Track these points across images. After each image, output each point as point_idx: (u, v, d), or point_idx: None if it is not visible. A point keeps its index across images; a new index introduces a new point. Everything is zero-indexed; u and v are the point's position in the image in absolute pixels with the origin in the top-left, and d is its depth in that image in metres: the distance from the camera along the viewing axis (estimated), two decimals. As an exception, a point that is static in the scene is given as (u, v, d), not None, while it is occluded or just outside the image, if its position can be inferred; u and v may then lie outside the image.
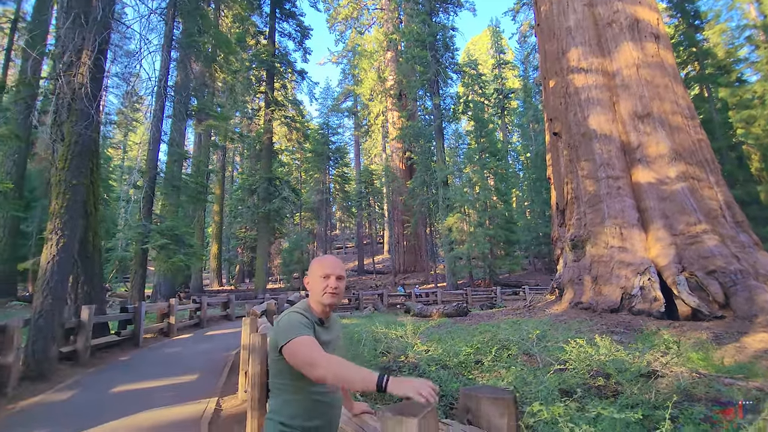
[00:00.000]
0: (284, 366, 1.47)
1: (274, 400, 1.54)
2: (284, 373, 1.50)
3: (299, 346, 1.40)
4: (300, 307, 1.59)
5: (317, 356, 1.36)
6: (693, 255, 9.28)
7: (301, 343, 1.41)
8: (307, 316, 1.54)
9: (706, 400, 3.41)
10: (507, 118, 46.26)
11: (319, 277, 1.60)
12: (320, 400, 1.53)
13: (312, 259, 13.21)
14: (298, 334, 1.43)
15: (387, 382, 1.25)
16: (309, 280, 1.64)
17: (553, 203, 14.00)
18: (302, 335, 1.43)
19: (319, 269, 1.62)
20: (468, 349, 3.68)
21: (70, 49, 6.42)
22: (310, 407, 1.51)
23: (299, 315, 1.52)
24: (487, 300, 21.18)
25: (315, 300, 1.62)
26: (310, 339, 1.43)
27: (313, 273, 1.63)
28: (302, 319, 1.50)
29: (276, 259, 35.58)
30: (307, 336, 1.43)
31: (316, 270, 1.62)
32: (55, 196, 6.45)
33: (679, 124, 10.73)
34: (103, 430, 4.00)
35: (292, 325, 1.47)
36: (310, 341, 1.42)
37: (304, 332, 1.44)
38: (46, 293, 5.98)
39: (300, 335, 1.43)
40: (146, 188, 14.75)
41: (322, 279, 1.60)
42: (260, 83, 28.83)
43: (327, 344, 1.57)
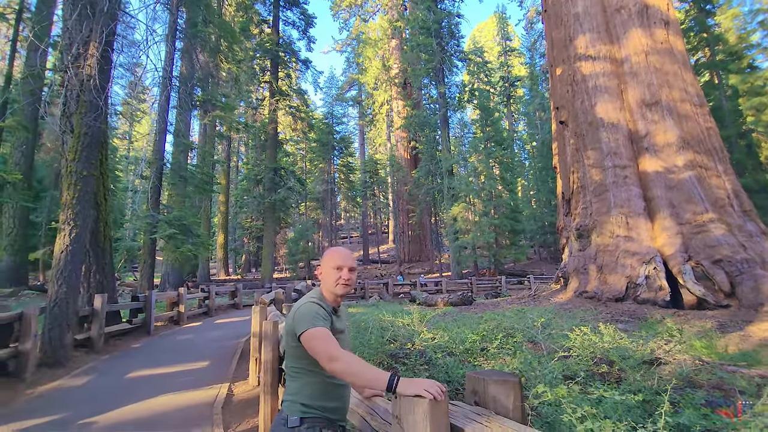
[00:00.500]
0: (302, 352, 1.55)
1: (294, 383, 1.61)
2: (302, 359, 1.57)
3: (317, 338, 1.47)
4: (316, 297, 1.65)
5: (335, 351, 1.43)
6: (699, 244, 9.26)
7: (318, 335, 1.47)
8: (323, 306, 1.60)
9: (708, 387, 3.47)
10: (513, 107, 45.81)
11: (332, 269, 1.66)
12: (336, 383, 1.61)
13: (317, 249, 13.39)
14: (315, 325, 1.50)
15: (397, 382, 1.32)
16: (322, 270, 1.70)
17: (558, 192, 13.96)
18: (319, 326, 1.50)
19: (332, 261, 1.68)
20: (474, 336, 3.75)
21: (78, 41, 6.46)
22: (329, 389, 1.59)
23: (317, 305, 1.58)
24: (491, 289, 21.28)
25: (327, 290, 1.68)
26: (327, 332, 1.49)
27: (326, 264, 1.69)
28: (320, 310, 1.57)
29: (282, 248, 35.84)
30: (323, 328, 1.50)
31: (329, 261, 1.68)
32: (67, 187, 6.56)
33: (688, 112, 10.60)
34: (122, 414, 4.15)
35: (310, 314, 1.53)
36: (327, 334, 1.49)
37: (321, 323, 1.51)
38: (60, 282, 6.13)
39: (317, 326, 1.49)
40: (153, 179, 14.88)
41: (335, 270, 1.66)
42: (264, 73, 28.73)
43: (341, 333, 1.65)
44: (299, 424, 1.54)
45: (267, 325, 3.25)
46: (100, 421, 3.95)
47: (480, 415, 1.33)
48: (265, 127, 28.85)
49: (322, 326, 1.51)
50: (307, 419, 1.55)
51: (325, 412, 1.58)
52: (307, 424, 1.54)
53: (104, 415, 4.09)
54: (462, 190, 26.84)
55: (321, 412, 1.58)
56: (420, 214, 33.38)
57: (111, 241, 8.85)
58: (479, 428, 1.24)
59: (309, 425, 1.54)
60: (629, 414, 1.91)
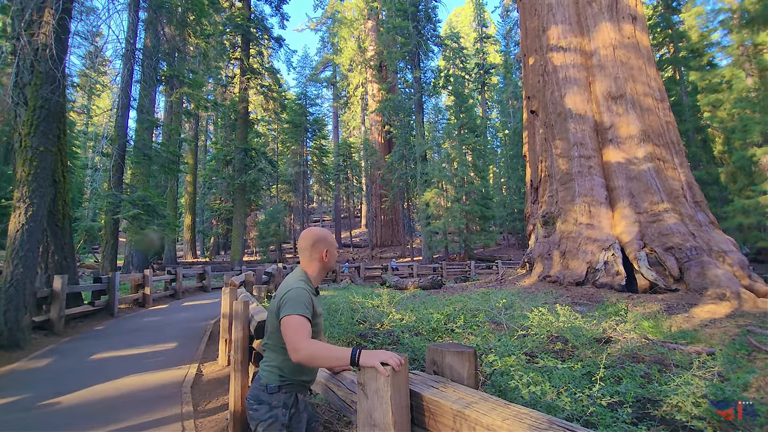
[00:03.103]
0: None
1: (275, 355, 1.75)
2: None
3: (292, 327, 1.58)
4: (304, 280, 1.77)
5: (299, 343, 1.55)
6: (654, 232, 9.86)
7: (294, 325, 1.59)
8: (309, 291, 1.72)
9: (649, 362, 3.79)
10: (487, 94, 46.28)
11: (335, 248, 1.86)
12: None
13: (288, 232, 13.27)
14: (297, 312, 1.60)
15: (359, 355, 1.44)
16: (330, 253, 1.82)
17: (528, 180, 14.39)
18: (300, 315, 1.60)
19: (333, 242, 1.86)
20: (439, 316, 3.92)
21: (32, 7, 6.04)
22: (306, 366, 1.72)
23: (305, 292, 1.69)
24: (461, 274, 21.84)
25: (327, 269, 1.84)
26: (304, 323, 1.60)
27: (332, 247, 1.85)
28: (307, 297, 1.68)
29: (252, 231, 35.27)
30: (302, 318, 1.60)
31: (333, 243, 1.86)
32: (21, 162, 6.22)
33: (650, 106, 11.11)
34: (87, 393, 4.09)
35: (298, 301, 1.64)
36: (302, 325, 1.59)
37: (303, 312, 1.62)
38: (16, 262, 5.87)
39: (298, 314, 1.60)
40: (116, 156, 14.22)
41: (335, 249, 1.87)
42: (235, 49, 27.65)
43: (320, 315, 1.81)
44: (278, 390, 1.72)
45: (237, 305, 3.28)
46: (64, 402, 3.89)
47: (437, 382, 1.44)
48: (236, 106, 27.96)
49: (303, 315, 1.61)
50: (284, 386, 1.73)
51: (300, 381, 1.77)
52: (285, 390, 1.72)
53: (68, 396, 4.02)
54: (435, 175, 27.13)
55: (297, 380, 1.76)
56: (393, 199, 33.57)
57: (70, 220, 8.48)
58: (436, 393, 1.36)
59: (287, 390, 1.72)
60: (574, 383, 2.11)
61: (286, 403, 1.71)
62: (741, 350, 4.53)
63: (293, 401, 1.73)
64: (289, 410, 1.71)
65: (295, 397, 1.74)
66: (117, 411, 3.69)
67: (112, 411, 3.69)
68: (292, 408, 1.72)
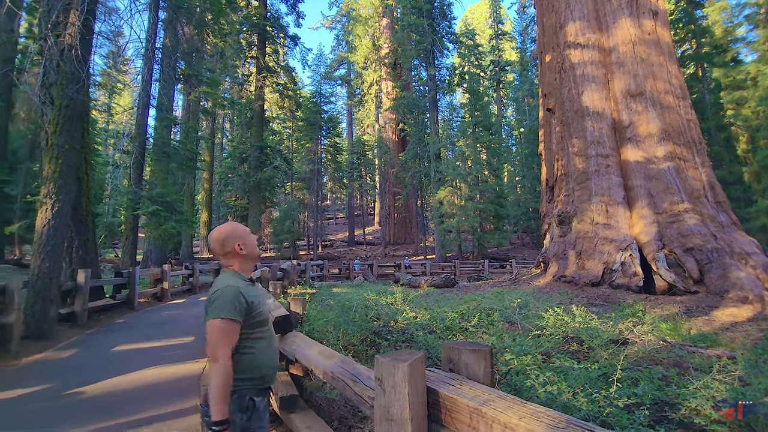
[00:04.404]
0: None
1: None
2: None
3: (217, 332, 1.61)
4: (232, 277, 1.78)
5: (219, 352, 1.59)
6: (673, 233, 9.65)
7: (216, 330, 1.61)
8: (239, 287, 1.71)
9: (667, 365, 3.74)
10: (502, 92, 45.79)
11: (249, 236, 1.90)
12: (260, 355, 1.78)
13: (303, 229, 13.42)
14: (221, 316, 1.62)
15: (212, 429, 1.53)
16: (244, 244, 1.84)
17: (543, 179, 14.22)
18: (224, 318, 1.62)
19: (246, 231, 1.91)
20: (453, 314, 3.93)
21: (58, 8, 6.22)
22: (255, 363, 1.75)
23: (233, 289, 1.68)
24: (474, 273, 21.73)
25: (250, 258, 1.87)
26: (230, 328, 1.62)
27: (245, 236, 1.88)
28: (234, 296, 1.66)
29: (266, 228, 35.66)
30: (230, 322, 1.62)
31: (246, 234, 1.89)
32: (48, 160, 6.43)
33: (671, 104, 10.85)
34: (109, 384, 4.24)
35: (223, 302, 1.64)
36: (228, 331, 1.62)
37: (228, 314, 1.62)
38: (42, 256, 6.08)
39: (222, 317, 1.61)
40: (136, 154, 14.57)
41: (250, 236, 1.91)
42: (251, 48, 27.98)
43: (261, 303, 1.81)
44: (230, 395, 1.66)
45: (255, 300, 3.35)
46: (88, 391, 4.04)
47: (454, 379, 1.47)
48: (252, 104, 28.30)
49: (229, 318, 1.62)
50: (237, 390, 1.67)
51: (253, 382, 1.73)
52: (238, 395, 1.67)
53: (92, 386, 4.17)
54: (449, 174, 27.00)
55: (249, 383, 1.71)
56: (406, 197, 33.53)
57: (93, 216, 8.74)
58: (453, 390, 1.38)
59: (240, 395, 1.68)
60: (590, 384, 2.10)
61: (241, 407, 1.67)
62: (764, 355, 4.42)
63: (248, 403, 1.69)
64: (245, 413, 1.67)
65: (250, 400, 1.70)
66: (138, 402, 3.81)
67: (133, 402, 3.82)
68: (249, 411, 1.68)
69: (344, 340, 4.00)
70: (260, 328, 1.77)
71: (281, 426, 3.10)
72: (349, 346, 3.96)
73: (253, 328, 1.74)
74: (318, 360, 2.34)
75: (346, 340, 4.04)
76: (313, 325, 4.09)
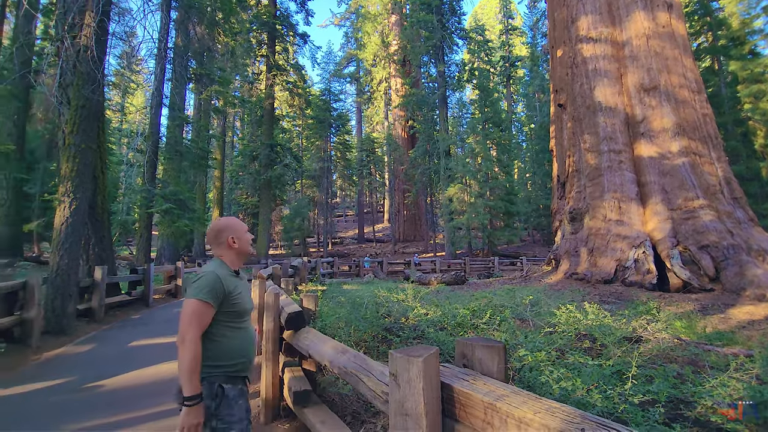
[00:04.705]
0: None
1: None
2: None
3: (190, 313, 1.68)
4: (217, 265, 1.86)
5: (189, 334, 1.65)
6: (688, 230, 9.49)
7: (189, 310, 1.69)
8: (221, 275, 1.79)
9: (682, 362, 3.70)
10: (513, 87, 45.33)
11: (245, 233, 1.97)
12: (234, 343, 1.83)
13: (312, 226, 13.51)
14: (196, 297, 1.70)
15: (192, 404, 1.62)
16: (238, 239, 1.93)
17: (554, 175, 14.08)
18: (199, 300, 1.69)
19: (242, 228, 1.98)
20: (464, 311, 3.94)
21: (74, 10, 6.34)
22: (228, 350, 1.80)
23: (214, 276, 1.77)
24: (484, 270, 21.64)
25: (240, 253, 1.94)
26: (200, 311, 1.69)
27: (240, 231, 1.96)
28: (213, 282, 1.74)
29: (277, 225, 35.94)
30: (200, 304, 1.69)
31: (241, 229, 1.97)
32: (65, 159, 6.57)
33: (686, 98, 10.65)
34: (126, 378, 4.34)
35: (201, 284, 1.73)
36: (197, 314, 1.69)
37: (204, 296, 1.70)
38: (61, 253, 6.23)
39: (197, 298, 1.69)
40: (149, 153, 14.78)
41: (246, 233, 1.98)
42: (261, 46, 28.12)
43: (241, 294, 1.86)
44: (200, 382, 1.71)
45: (268, 297, 3.40)
46: (107, 385, 4.14)
47: (467, 374, 1.48)
48: (262, 103, 28.47)
49: (203, 300, 1.69)
50: (207, 377, 1.73)
51: (224, 369, 1.78)
52: (208, 381, 1.74)
53: (110, 379, 4.27)
54: (458, 171, 26.87)
55: (219, 370, 1.77)
56: (416, 194, 33.47)
57: (109, 214, 8.91)
58: (467, 385, 1.39)
59: (210, 382, 1.74)
60: (604, 381, 2.10)
61: (211, 394, 1.73)
62: (782, 353, 4.34)
63: (217, 390, 1.74)
64: (214, 400, 1.73)
65: (219, 387, 1.75)
66: (154, 395, 3.90)
67: (149, 395, 3.90)
68: (218, 398, 1.74)
69: (356, 337, 4.03)
70: (237, 318, 1.84)
71: (295, 420, 3.15)
72: (360, 342, 3.99)
73: (229, 317, 1.80)
74: (331, 355, 2.37)
75: (358, 337, 4.07)
76: (325, 321, 4.13)
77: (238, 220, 2.04)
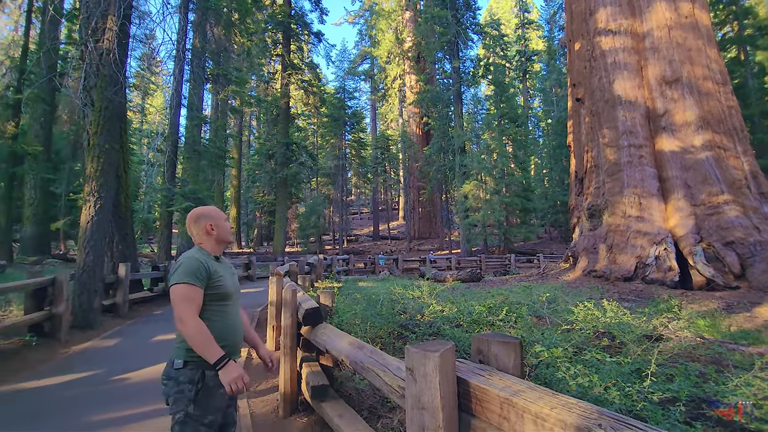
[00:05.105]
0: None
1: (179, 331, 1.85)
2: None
3: (180, 296, 1.73)
4: (197, 251, 1.92)
5: (185, 315, 1.70)
6: (712, 226, 9.22)
7: (182, 294, 1.73)
8: (203, 260, 1.84)
9: (705, 362, 3.62)
10: (529, 82, 44.63)
11: (224, 222, 2.02)
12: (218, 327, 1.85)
13: (328, 224, 13.62)
14: (184, 281, 1.75)
15: (222, 365, 1.67)
16: (216, 226, 1.97)
17: (572, 171, 13.85)
18: (186, 283, 1.74)
19: (219, 216, 2.02)
20: (480, 308, 3.93)
21: (97, 15, 6.54)
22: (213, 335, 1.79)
23: (196, 261, 1.81)
24: (501, 267, 21.45)
25: (219, 240, 1.99)
26: (193, 292, 1.74)
27: (218, 219, 2.00)
28: (200, 266, 1.80)
29: (293, 223, 36.32)
30: (192, 287, 1.74)
31: (218, 217, 2.02)
32: (90, 159, 6.79)
33: (710, 90, 10.33)
34: (151, 371, 4.48)
35: (188, 270, 1.78)
36: (191, 295, 1.74)
37: (191, 280, 1.75)
38: (87, 251, 6.45)
39: (185, 282, 1.74)
40: (169, 152, 15.12)
41: (225, 222, 2.03)
42: (276, 46, 28.39)
43: (222, 277, 1.90)
44: (182, 366, 1.77)
45: (286, 293, 3.46)
46: (133, 378, 4.29)
47: (483, 370, 1.49)
48: (277, 102, 28.76)
49: (190, 284, 1.74)
50: (189, 362, 1.77)
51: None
52: (190, 366, 1.77)
53: (135, 372, 4.43)
54: (474, 167, 26.65)
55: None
56: (431, 191, 33.34)
57: (131, 212, 9.17)
58: (483, 381, 1.41)
59: (192, 367, 1.77)
60: (623, 378, 2.08)
61: (191, 379, 1.75)
62: (811, 353, 4.20)
63: (200, 377, 1.76)
64: (195, 385, 1.75)
65: (201, 373, 1.77)
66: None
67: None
68: (199, 383, 1.76)
69: (372, 333, 4.07)
70: (219, 301, 1.87)
71: (313, 414, 3.21)
72: (376, 339, 4.02)
73: (212, 299, 1.84)
74: (348, 350, 2.41)
75: (374, 333, 4.11)
76: (341, 318, 4.18)
77: (217, 209, 2.07)
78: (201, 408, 1.75)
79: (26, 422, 3.34)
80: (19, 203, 18.00)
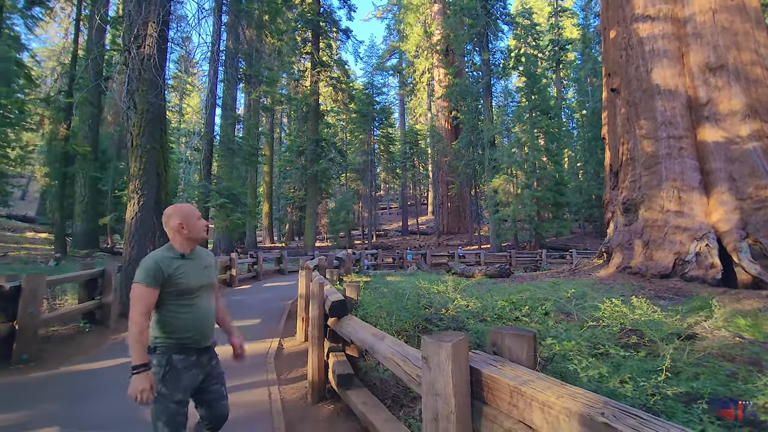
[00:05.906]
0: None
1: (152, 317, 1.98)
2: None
3: (134, 296, 1.88)
4: (163, 249, 2.04)
5: (135, 315, 1.85)
6: (759, 221, 8.71)
7: (136, 294, 1.88)
8: (161, 260, 1.94)
9: (741, 362, 3.49)
10: (562, 72, 43.12)
11: (197, 220, 2.08)
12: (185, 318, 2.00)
13: (357, 219, 13.78)
14: (138, 281, 1.89)
15: (137, 372, 1.80)
16: (185, 224, 2.03)
17: (606, 164, 13.37)
18: (140, 283, 1.88)
19: (193, 214, 2.08)
20: (504, 303, 3.94)
21: (138, 23, 6.93)
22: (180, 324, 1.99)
23: (152, 261, 1.93)
24: (531, 263, 21.05)
25: (189, 238, 2.05)
26: (145, 293, 1.87)
27: (189, 218, 2.06)
28: (152, 265, 1.91)
29: (323, 218, 36.96)
30: (142, 288, 1.87)
31: (192, 215, 2.08)
32: (133, 159, 7.24)
33: (758, 77, 9.70)
34: (190, 358, 4.78)
35: (145, 270, 1.91)
36: (143, 295, 1.87)
37: (144, 280, 1.88)
38: (132, 245, 6.90)
39: (138, 282, 1.88)
40: (205, 151, 15.77)
41: (198, 220, 2.09)
42: (305, 44, 28.86)
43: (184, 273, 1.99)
44: (152, 351, 1.94)
45: (314, 286, 3.62)
46: (174, 364, 4.59)
47: (496, 360, 1.57)
48: (307, 99, 29.27)
49: (144, 284, 1.87)
50: (158, 346, 1.95)
51: (173, 341, 1.97)
52: (158, 350, 1.94)
53: (176, 359, 4.73)
54: (504, 161, 26.16)
55: (170, 341, 1.96)
56: (460, 186, 33.01)
57: (171, 208, 9.66)
58: (495, 370, 1.48)
59: (160, 351, 1.94)
60: (644, 375, 2.07)
61: (159, 362, 1.92)
62: None
63: (167, 360, 1.93)
64: (163, 368, 1.92)
65: (169, 357, 1.93)
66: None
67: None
68: (167, 366, 1.92)
69: (397, 326, 4.18)
70: (182, 296, 1.99)
71: (339, 402, 3.36)
72: (401, 332, 4.13)
73: (174, 296, 1.97)
74: (371, 341, 2.52)
75: (399, 326, 4.21)
76: (366, 310, 4.31)
77: (191, 207, 2.15)
78: (169, 387, 1.92)
79: (85, 397, 3.69)
80: (70, 201, 19.30)
